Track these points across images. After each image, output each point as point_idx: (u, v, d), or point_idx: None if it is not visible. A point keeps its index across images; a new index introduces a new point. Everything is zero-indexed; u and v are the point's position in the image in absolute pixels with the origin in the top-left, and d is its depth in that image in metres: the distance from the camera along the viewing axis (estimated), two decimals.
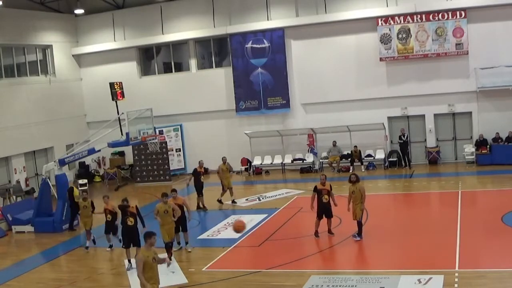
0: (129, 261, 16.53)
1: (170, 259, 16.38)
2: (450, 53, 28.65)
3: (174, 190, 18.03)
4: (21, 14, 30.47)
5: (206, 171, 24.69)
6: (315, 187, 18.02)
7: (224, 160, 25.08)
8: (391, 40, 29.33)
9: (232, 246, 18.20)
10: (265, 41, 31.53)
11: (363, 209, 17.36)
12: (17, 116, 29.48)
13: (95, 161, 34.43)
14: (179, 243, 18.03)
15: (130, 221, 16.55)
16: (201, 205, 23.86)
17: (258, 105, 31.88)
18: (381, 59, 29.70)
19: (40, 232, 22.38)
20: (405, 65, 29.64)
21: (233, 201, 24.44)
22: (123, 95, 23.97)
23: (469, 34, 28.25)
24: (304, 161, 31.39)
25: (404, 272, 14.03)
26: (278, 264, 15.73)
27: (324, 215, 17.90)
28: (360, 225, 17.41)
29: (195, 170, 24.40)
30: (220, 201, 24.54)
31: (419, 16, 28.86)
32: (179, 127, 33.68)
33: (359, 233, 17.43)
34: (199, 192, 23.98)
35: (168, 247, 16.78)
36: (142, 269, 10.80)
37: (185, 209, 17.82)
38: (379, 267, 14.96)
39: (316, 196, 17.94)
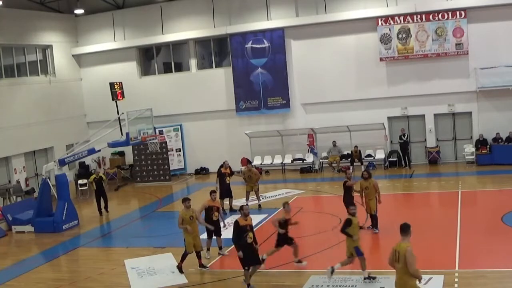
0: (249, 285, 14.19)
1: (206, 266, 16.06)
2: (450, 53, 28.65)
3: (214, 192, 17.08)
4: (21, 14, 30.46)
5: (232, 173, 23.63)
6: (346, 182, 18.55)
7: (248, 166, 23.96)
8: (391, 40, 29.34)
9: (232, 246, 18.15)
10: (265, 41, 31.53)
11: (380, 202, 18.09)
12: (17, 116, 29.48)
13: (95, 161, 34.44)
14: (209, 249, 16.96)
15: (250, 237, 14.20)
16: (225, 208, 22.76)
17: (258, 105, 31.88)
18: (381, 59, 29.71)
19: (40, 232, 22.39)
20: (405, 65, 29.64)
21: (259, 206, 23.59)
22: (123, 95, 23.94)
23: (469, 34, 28.26)
24: (304, 161, 31.40)
25: None
26: (278, 264, 15.72)
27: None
28: (376, 218, 18.07)
29: (220, 171, 23.43)
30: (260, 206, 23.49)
31: (419, 16, 28.86)
32: (179, 127, 33.68)
33: (376, 226, 18.10)
34: (226, 195, 22.88)
35: (199, 256, 16.06)
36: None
37: (219, 214, 16.89)
38: (379, 267, 14.93)
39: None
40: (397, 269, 10.48)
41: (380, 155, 30.40)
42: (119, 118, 22.81)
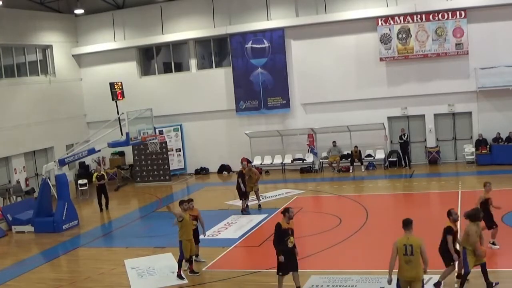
0: None
1: (197, 272, 15.70)
2: (450, 53, 28.65)
3: (191, 200, 16.34)
4: (21, 14, 30.46)
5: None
6: (451, 228, 13.07)
7: (248, 166, 23.66)
8: (391, 40, 29.33)
9: (232, 246, 18.21)
10: (265, 41, 31.52)
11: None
12: (17, 116, 29.47)
13: (95, 161, 34.40)
14: (197, 255, 16.51)
15: (291, 242, 13.24)
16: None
17: (258, 105, 31.88)
18: (381, 59, 29.70)
19: (40, 232, 22.38)
20: (405, 65, 29.64)
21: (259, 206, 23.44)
22: (123, 95, 23.94)
23: (469, 34, 28.25)
24: (304, 161, 31.39)
25: None
26: None
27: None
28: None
29: (241, 172, 22.92)
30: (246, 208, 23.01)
31: (419, 16, 28.86)
32: (179, 127, 33.67)
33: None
34: (243, 195, 22.71)
35: (191, 261, 15.72)
36: None
37: (199, 222, 16.35)
38: (379, 267, 14.93)
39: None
40: (409, 262, 11.14)
41: (380, 155, 30.39)
42: (119, 118, 22.81)
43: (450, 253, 12.94)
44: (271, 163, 32.20)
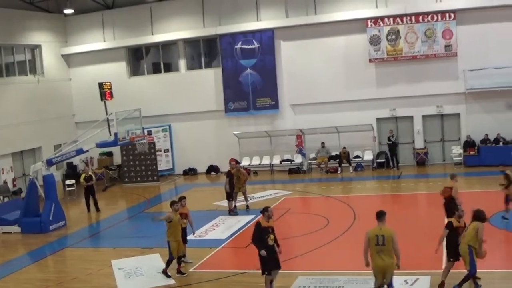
0: None
1: (184, 273, 15.64)
2: (439, 55, 28.77)
3: (184, 198, 16.45)
4: (10, 14, 30.28)
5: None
6: (451, 223, 13.54)
7: (237, 166, 23.32)
8: (380, 41, 29.41)
9: (220, 247, 18.18)
10: (254, 42, 31.52)
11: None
12: (5, 116, 29.27)
13: (83, 161, 34.25)
14: (184, 255, 16.28)
15: (271, 239, 13.32)
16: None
17: (247, 106, 31.87)
18: (370, 60, 29.78)
19: (27, 233, 22.19)
20: (394, 67, 29.73)
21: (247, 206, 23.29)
22: (111, 95, 23.86)
23: (458, 35, 28.39)
24: (293, 162, 31.41)
25: None
26: None
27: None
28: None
29: (229, 172, 22.86)
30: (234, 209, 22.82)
31: (408, 18, 28.96)
32: (167, 127, 33.59)
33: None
34: (229, 196, 22.67)
35: (179, 262, 15.63)
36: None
37: (188, 220, 16.41)
38: (367, 268, 14.94)
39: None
40: (380, 252, 11.68)
41: (368, 156, 30.46)
42: (107, 118, 22.74)
43: (453, 248, 13.28)
44: (260, 164, 32.21)
